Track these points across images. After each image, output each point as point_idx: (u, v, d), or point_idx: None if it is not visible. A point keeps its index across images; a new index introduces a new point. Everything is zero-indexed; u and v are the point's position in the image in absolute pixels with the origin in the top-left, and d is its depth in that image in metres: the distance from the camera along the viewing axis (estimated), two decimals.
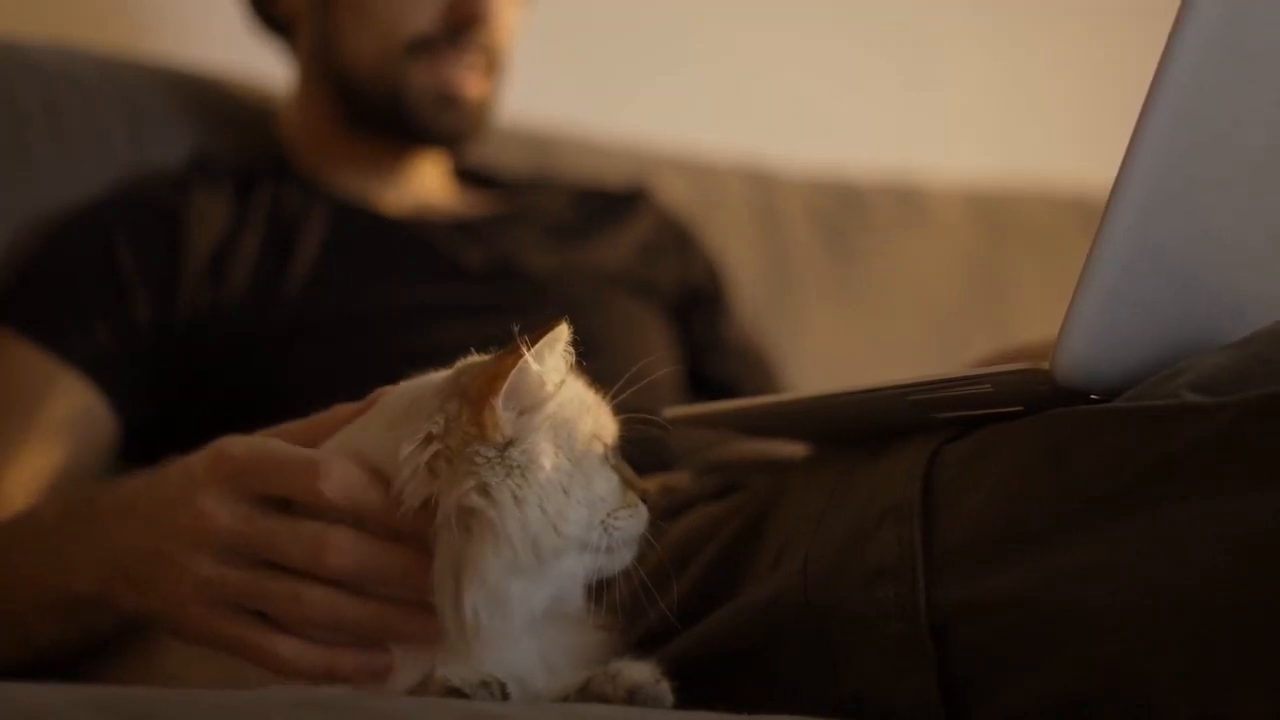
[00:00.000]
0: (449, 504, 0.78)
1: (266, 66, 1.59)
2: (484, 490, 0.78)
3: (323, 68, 1.46)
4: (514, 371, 0.79)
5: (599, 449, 0.83)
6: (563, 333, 0.81)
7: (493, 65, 1.44)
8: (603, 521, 0.82)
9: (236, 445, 0.83)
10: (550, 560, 0.80)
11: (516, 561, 0.78)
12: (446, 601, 0.79)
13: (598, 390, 0.85)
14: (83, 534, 0.88)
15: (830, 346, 1.87)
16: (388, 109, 1.42)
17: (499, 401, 0.79)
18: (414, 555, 0.80)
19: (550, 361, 0.81)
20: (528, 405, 0.81)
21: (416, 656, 0.81)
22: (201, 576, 0.81)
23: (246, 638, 0.80)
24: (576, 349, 0.82)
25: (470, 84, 1.42)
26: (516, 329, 0.79)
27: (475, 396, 0.79)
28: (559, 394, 0.82)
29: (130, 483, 0.88)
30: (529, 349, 0.79)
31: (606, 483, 0.83)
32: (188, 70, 1.57)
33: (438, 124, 1.43)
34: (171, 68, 1.56)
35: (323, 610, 0.79)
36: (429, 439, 0.79)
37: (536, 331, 0.80)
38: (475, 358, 0.83)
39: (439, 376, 0.84)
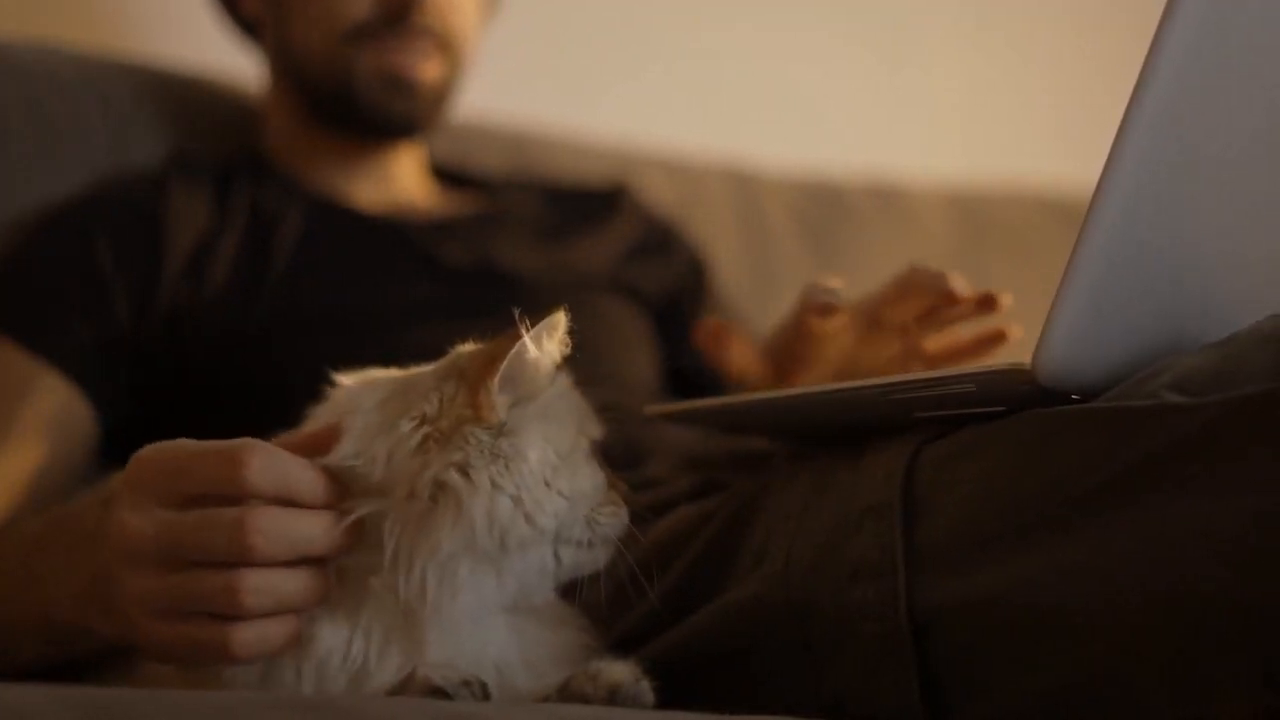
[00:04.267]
0: (426, 475, 0.78)
1: (246, 66, 1.59)
2: (463, 470, 0.78)
3: (283, 66, 1.47)
4: (511, 353, 0.79)
5: (585, 444, 0.84)
6: (560, 321, 0.82)
7: (445, 48, 1.43)
8: (586, 516, 0.82)
9: (149, 451, 0.81)
10: (515, 550, 0.80)
11: (474, 544, 0.78)
12: (400, 570, 0.79)
13: (582, 391, 0.86)
14: (60, 560, 0.86)
15: None
16: (340, 101, 1.42)
17: (495, 383, 0.79)
18: (340, 517, 0.79)
19: (547, 349, 0.82)
20: (522, 394, 0.81)
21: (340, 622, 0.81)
22: (136, 591, 0.79)
23: (198, 639, 0.78)
24: (572, 338, 0.83)
25: (421, 68, 1.41)
26: (517, 313, 0.79)
27: (472, 378, 0.80)
28: (552, 387, 0.83)
29: (92, 501, 0.86)
30: (528, 332, 0.80)
31: (592, 478, 0.84)
32: (168, 69, 1.56)
33: (390, 111, 1.42)
34: (152, 67, 1.56)
35: (262, 595, 0.77)
36: (423, 419, 0.80)
37: (534, 317, 0.80)
38: (470, 345, 0.83)
39: (427, 368, 0.84)
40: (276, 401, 0.91)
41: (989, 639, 0.77)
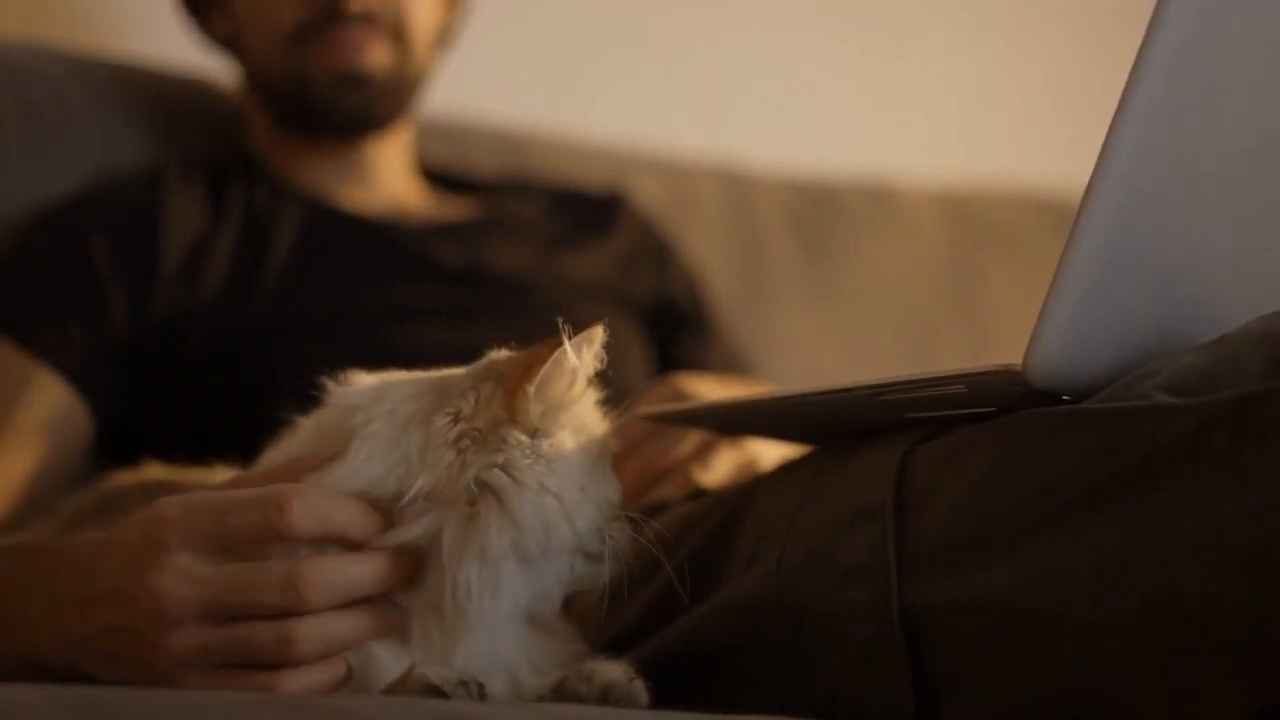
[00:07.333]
0: (467, 476, 0.78)
1: (233, 67, 1.59)
2: (507, 470, 0.79)
3: (249, 77, 1.48)
4: (551, 360, 0.80)
5: (609, 457, 0.85)
6: (598, 335, 0.82)
7: (394, 33, 1.41)
8: (600, 529, 0.83)
9: (173, 506, 0.79)
10: (556, 551, 0.80)
11: (520, 544, 0.79)
12: (448, 573, 0.78)
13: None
14: (40, 602, 0.83)
15: (804, 346, 1.87)
16: (298, 104, 1.42)
17: (533, 388, 0.79)
18: (390, 554, 0.80)
19: (584, 359, 0.82)
20: (555, 403, 0.81)
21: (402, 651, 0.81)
22: (175, 649, 0.77)
23: (246, 688, 0.77)
24: (609, 353, 0.83)
25: (366, 57, 1.39)
26: (560, 320, 0.79)
27: (510, 382, 0.80)
28: (583, 399, 0.83)
29: (83, 547, 0.83)
30: (569, 340, 0.80)
31: (614, 488, 0.85)
32: (158, 70, 1.56)
33: (345, 105, 1.41)
34: (142, 67, 1.56)
35: (314, 642, 0.77)
36: (458, 415, 0.80)
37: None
38: (505, 351, 0.84)
39: (458, 370, 0.84)
40: (270, 402, 0.91)
41: (981, 640, 0.77)
